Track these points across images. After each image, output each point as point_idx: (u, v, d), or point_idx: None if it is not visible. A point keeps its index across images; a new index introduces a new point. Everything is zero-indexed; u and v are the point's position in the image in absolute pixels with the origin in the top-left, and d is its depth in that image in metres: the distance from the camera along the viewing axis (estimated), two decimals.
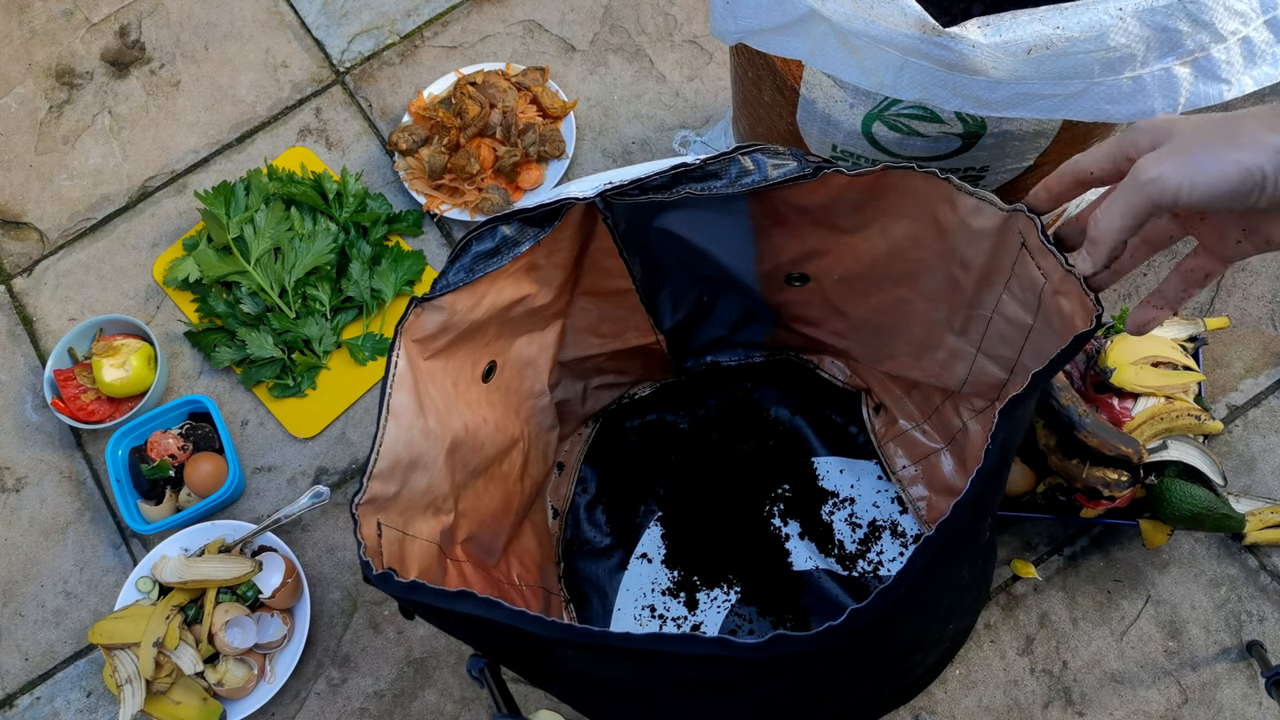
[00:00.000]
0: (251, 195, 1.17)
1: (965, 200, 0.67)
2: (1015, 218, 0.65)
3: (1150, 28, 0.64)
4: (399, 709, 1.02)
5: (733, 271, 0.86)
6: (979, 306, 0.76)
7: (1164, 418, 0.91)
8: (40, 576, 1.12)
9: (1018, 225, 0.65)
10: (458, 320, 0.73)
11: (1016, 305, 0.71)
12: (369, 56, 1.32)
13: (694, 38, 1.27)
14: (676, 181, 0.69)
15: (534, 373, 0.89)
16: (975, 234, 0.69)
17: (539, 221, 0.72)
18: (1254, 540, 0.96)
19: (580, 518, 1.03)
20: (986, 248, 0.69)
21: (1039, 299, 0.67)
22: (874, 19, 0.67)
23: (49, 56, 1.37)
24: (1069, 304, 0.62)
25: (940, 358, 0.86)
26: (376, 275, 1.16)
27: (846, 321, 0.91)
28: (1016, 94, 0.69)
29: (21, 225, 1.28)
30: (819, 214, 0.75)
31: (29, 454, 1.17)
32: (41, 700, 1.07)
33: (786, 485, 1.01)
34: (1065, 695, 0.95)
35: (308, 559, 1.08)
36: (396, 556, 0.69)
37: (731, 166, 0.68)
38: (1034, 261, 0.65)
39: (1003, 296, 0.72)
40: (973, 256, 0.71)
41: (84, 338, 1.16)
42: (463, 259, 0.71)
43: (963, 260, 0.72)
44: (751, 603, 0.97)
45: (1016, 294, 0.70)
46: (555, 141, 1.20)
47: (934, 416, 0.95)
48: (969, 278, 0.74)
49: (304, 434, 1.13)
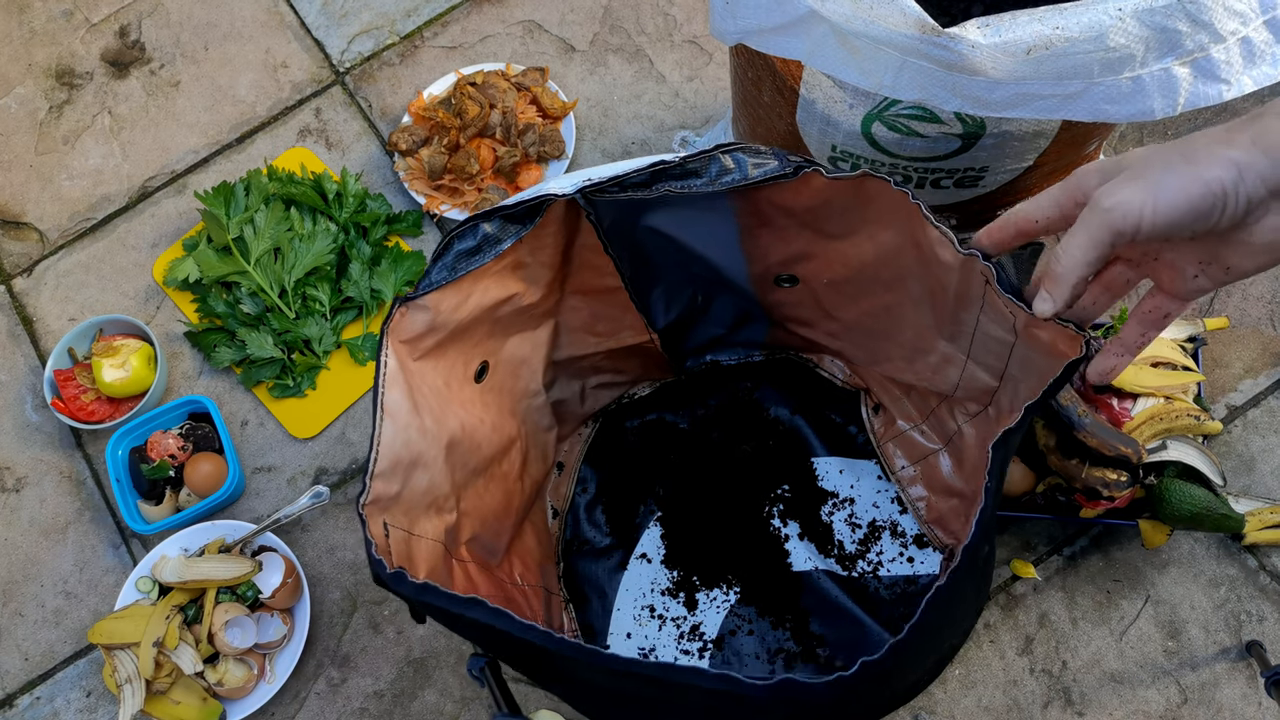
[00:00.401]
0: (251, 195, 1.17)
1: (930, 230, 0.66)
2: (972, 261, 0.63)
3: (1150, 28, 0.64)
4: (399, 709, 1.02)
5: (724, 271, 0.85)
6: (960, 323, 0.76)
7: (1163, 418, 0.91)
8: (40, 576, 1.12)
9: (977, 268, 0.64)
10: (444, 320, 0.73)
11: (995, 326, 0.70)
12: (369, 57, 1.32)
13: (694, 38, 1.27)
14: (656, 179, 0.68)
15: (528, 372, 0.89)
16: (942, 264, 0.68)
17: (520, 218, 0.72)
18: (1253, 540, 0.96)
19: (580, 517, 1.03)
20: (954, 278, 0.69)
21: (1014, 328, 0.66)
22: (874, 19, 0.67)
23: (49, 57, 1.37)
24: (1046, 334, 0.61)
25: (932, 362, 0.86)
26: (376, 275, 1.16)
27: (839, 323, 0.91)
28: (1016, 94, 0.69)
29: (21, 225, 1.28)
30: (804, 217, 0.75)
31: (29, 454, 1.17)
32: (41, 700, 1.07)
33: (786, 485, 1.01)
34: (1065, 695, 0.95)
35: (307, 559, 1.08)
36: (404, 556, 0.69)
37: (712, 165, 0.68)
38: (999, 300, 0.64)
39: (980, 318, 0.71)
40: (946, 280, 0.70)
41: (84, 338, 1.16)
42: (445, 258, 0.71)
43: (939, 280, 0.72)
44: (751, 603, 0.97)
45: (992, 318, 0.69)
46: (555, 142, 1.20)
47: (931, 417, 0.95)
48: (947, 297, 0.73)
49: (304, 434, 1.13)
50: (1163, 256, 0.54)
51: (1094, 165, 0.52)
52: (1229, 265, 0.51)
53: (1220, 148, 0.47)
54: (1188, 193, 0.47)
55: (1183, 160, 0.48)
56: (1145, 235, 0.49)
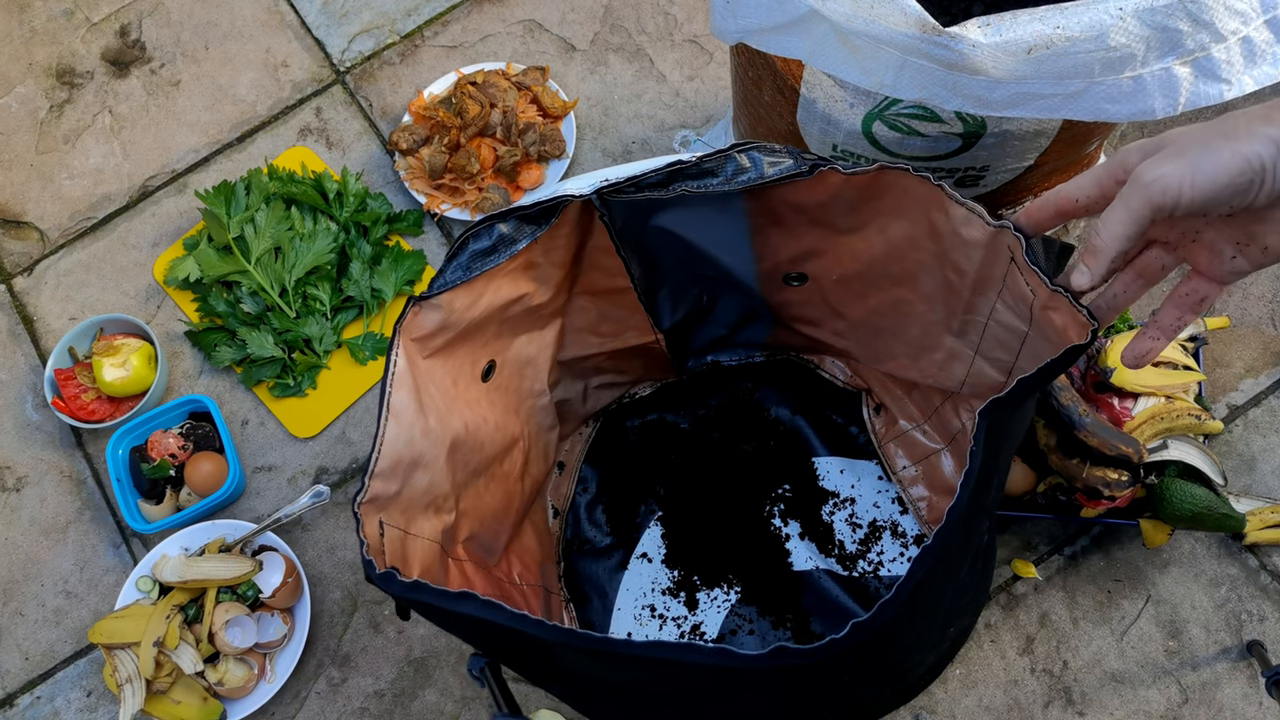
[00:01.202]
0: (252, 195, 1.17)
1: (956, 209, 0.66)
2: (1002, 234, 0.64)
3: (1150, 27, 0.64)
4: (399, 708, 1.02)
5: (732, 271, 0.86)
6: (974, 312, 0.76)
7: (1164, 417, 0.91)
8: (40, 576, 1.12)
9: (1006, 241, 0.65)
10: (456, 319, 0.73)
11: (1010, 313, 0.71)
12: (369, 56, 1.32)
13: (694, 37, 1.27)
14: (673, 179, 0.69)
15: (533, 372, 0.89)
16: (966, 242, 0.68)
17: (536, 219, 0.72)
18: (1254, 540, 0.96)
19: (580, 517, 1.03)
20: (978, 257, 0.69)
21: (1030, 312, 0.66)
22: (874, 19, 0.67)
23: (49, 56, 1.37)
24: (1060, 318, 0.62)
25: (938, 359, 0.86)
26: (377, 275, 1.16)
27: (845, 322, 0.91)
28: (1017, 93, 0.68)
29: (22, 225, 1.28)
30: (816, 213, 0.75)
31: (29, 453, 1.17)
32: (42, 700, 1.07)
33: (787, 485, 1.01)
34: (1065, 695, 0.95)
35: (308, 558, 1.08)
36: (399, 555, 0.69)
37: (728, 164, 0.68)
38: (1022, 277, 0.64)
39: (996, 305, 0.72)
40: (966, 264, 0.71)
41: (84, 337, 1.16)
42: (460, 257, 0.71)
43: (956, 266, 0.72)
44: (751, 603, 0.97)
45: (1009, 303, 0.70)
46: (555, 141, 1.20)
47: (934, 417, 0.95)
48: (964, 283, 0.73)
49: (304, 433, 1.13)
50: (1201, 237, 0.55)
51: (1135, 144, 0.53)
52: (1266, 245, 0.52)
53: (1260, 125, 0.48)
54: (1227, 168, 0.48)
55: (1222, 137, 0.49)
56: (1184, 209, 0.50)
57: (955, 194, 0.65)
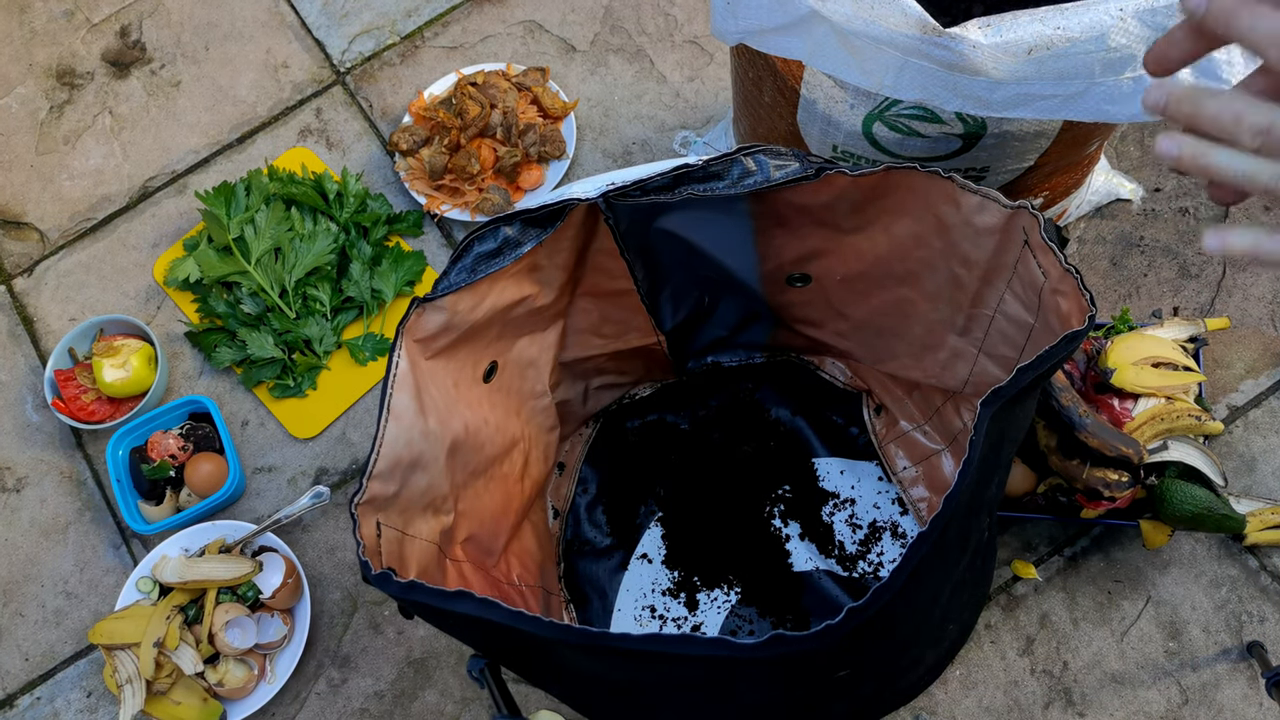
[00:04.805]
0: (252, 195, 1.17)
1: (968, 198, 0.67)
2: (1019, 214, 0.65)
3: (1151, 28, 0.64)
4: (399, 709, 1.02)
5: (734, 273, 0.86)
6: (981, 305, 0.76)
7: (1164, 418, 0.91)
8: (40, 576, 1.12)
9: (1021, 222, 0.65)
10: (459, 320, 0.73)
11: (1018, 304, 0.71)
12: (369, 57, 1.32)
13: (694, 38, 1.27)
14: (679, 182, 0.69)
15: (535, 373, 0.89)
16: (979, 231, 0.69)
17: (541, 222, 0.72)
18: (1254, 541, 0.96)
19: (580, 518, 1.03)
20: (990, 245, 0.69)
21: (1039, 298, 0.67)
22: (874, 19, 0.67)
23: (50, 57, 1.37)
24: (1066, 304, 0.62)
25: (942, 358, 0.86)
26: (377, 275, 1.16)
27: (848, 322, 0.91)
28: (1017, 94, 0.69)
29: (22, 225, 1.28)
30: (820, 214, 0.75)
31: (29, 454, 1.17)
32: (42, 700, 1.07)
33: (787, 486, 1.01)
34: (1066, 696, 0.95)
35: (308, 559, 1.08)
36: (396, 556, 0.69)
37: (734, 167, 0.68)
38: (1035, 259, 0.65)
39: (1005, 295, 0.72)
40: (976, 254, 0.71)
41: (84, 338, 1.16)
42: (464, 259, 0.71)
43: (965, 258, 0.72)
44: (752, 604, 0.97)
45: (1018, 292, 0.70)
46: (556, 142, 1.20)
47: (935, 417, 0.95)
48: (972, 275, 0.74)
49: (304, 434, 1.13)
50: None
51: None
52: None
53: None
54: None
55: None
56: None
57: (968, 183, 0.65)
